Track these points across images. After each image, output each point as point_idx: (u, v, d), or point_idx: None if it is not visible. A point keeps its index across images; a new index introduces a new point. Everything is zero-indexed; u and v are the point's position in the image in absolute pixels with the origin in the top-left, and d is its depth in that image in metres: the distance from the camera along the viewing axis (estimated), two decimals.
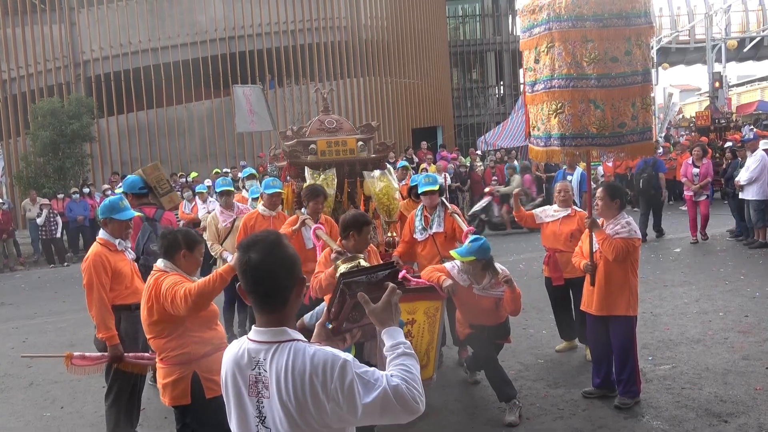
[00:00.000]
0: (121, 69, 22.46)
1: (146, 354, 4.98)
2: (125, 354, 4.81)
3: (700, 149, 12.68)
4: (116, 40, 22.44)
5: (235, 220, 7.82)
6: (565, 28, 4.84)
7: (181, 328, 3.90)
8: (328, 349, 2.11)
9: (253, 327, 2.17)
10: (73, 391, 6.56)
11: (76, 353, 4.79)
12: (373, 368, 2.12)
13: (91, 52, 22.54)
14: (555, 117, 5.01)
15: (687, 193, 12.42)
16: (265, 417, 2.09)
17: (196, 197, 12.04)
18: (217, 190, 8.22)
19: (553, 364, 6.42)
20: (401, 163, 11.72)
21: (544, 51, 5.00)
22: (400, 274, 5.59)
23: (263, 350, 2.10)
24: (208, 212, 11.60)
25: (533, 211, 6.85)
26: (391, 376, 2.10)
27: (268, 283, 2.12)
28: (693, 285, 9.08)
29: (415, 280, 5.52)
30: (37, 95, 21.69)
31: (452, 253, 5.41)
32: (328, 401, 2.02)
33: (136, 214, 5.23)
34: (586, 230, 5.55)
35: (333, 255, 4.79)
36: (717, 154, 18.19)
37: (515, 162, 18.34)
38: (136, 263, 5.30)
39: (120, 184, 18.25)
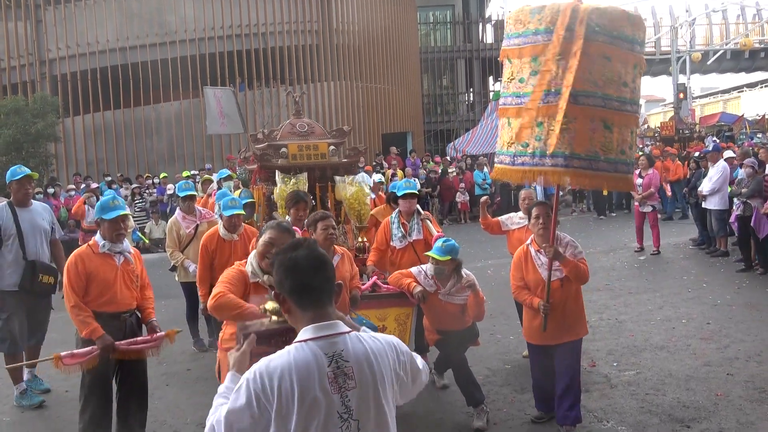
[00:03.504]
0: (87, 68, 22.08)
1: (139, 338, 4.77)
2: (116, 342, 4.59)
3: (646, 159, 12.70)
4: (83, 38, 22.08)
5: (197, 226, 7.62)
6: (588, 39, 4.31)
7: None
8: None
9: (304, 329, 2.15)
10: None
11: (63, 353, 4.57)
12: None
13: (57, 51, 22.14)
14: (561, 133, 4.42)
15: (635, 203, 12.60)
16: (353, 410, 2.07)
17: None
18: (180, 195, 7.93)
19: (520, 369, 6.46)
20: (378, 179, 11.37)
21: (551, 60, 4.41)
22: (371, 281, 5.61)
23: (334, 343, 2.11)
24: None
25: (499, 218, 6.90)
26: None
27: (321, 276, 2.18)
28: (657, 292, 9.24)
29: (386, 286, 5.52)
30: (0, 93, 21.24)
31: (430, 254, 5.27)
32: (401, 375, 2.22)
33: (125, 212, 4.82)
34: (519, 256, 5.19)
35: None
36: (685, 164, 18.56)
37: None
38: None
39: (85, 185, 17.99)
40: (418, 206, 6.43)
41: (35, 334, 6.22)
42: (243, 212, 6.61)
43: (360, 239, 6.40)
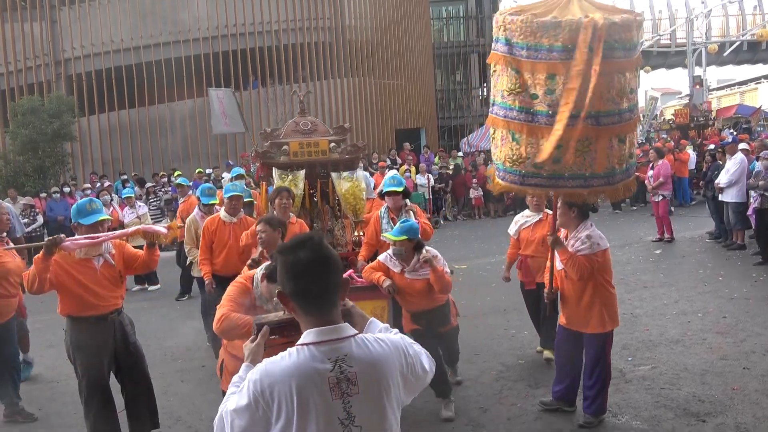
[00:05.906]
0: (102, 67, 22.25)
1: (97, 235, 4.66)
2: (63, 238, 4.63)
3: (655, 152, 13.42)
4: (98, 38, 22.25)
5: None
6: (606, 57, 4.11)
7: None
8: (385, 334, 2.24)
9: (308, 332, 2.08)
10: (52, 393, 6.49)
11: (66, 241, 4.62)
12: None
13: (72, 51, 22.33)
14: (580, 155, 4.33)
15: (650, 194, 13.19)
16: (355, 416, 2.02)
17: (113, 203, 11.75)
18: (204, 203, 7.97)
19: (533, 364, 6.45)
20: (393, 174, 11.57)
21: (574, 81, 4.12)
22: (346, 273, 5.67)
23: (338, 348, 2.04)
24: (138, 217, 11.46)
25: (511, 236, 6.73)
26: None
27: (324, 280, 2.08)
28: (673, 286, 9.16)
29: (360, 280, 5.61)
30: (17, 93, 21.46)
31: (386, 235, 5.46)
32: (408, 377, 2.16)
33: (103, 217, 4.79)
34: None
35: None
36: (698, 153, 18.35)
37: None
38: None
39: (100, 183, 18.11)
40: (406, 201, 6.44)
41: None
42: (242, 194, 6.93)
43: (356, 233, 6.45)
